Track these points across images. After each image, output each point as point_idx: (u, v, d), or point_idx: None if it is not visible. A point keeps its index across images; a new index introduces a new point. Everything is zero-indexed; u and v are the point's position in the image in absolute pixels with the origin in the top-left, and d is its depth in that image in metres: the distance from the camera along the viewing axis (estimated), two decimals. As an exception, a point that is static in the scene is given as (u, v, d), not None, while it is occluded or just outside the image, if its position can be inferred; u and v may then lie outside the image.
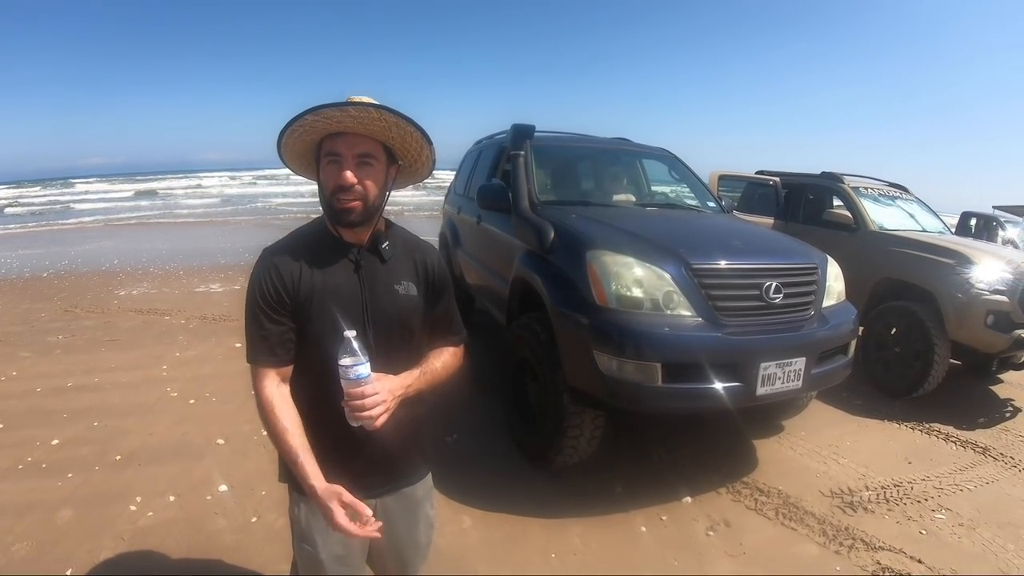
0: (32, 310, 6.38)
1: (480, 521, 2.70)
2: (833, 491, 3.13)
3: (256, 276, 1.24)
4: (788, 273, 2.89)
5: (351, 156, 1.21)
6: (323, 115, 1.17)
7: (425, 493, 1.49)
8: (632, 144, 4.89)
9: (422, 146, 1.29)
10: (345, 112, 1.16)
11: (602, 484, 3.04)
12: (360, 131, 1.21)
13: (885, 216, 5.36)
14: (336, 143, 1.21)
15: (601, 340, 2.61)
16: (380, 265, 1.30)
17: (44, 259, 10.02)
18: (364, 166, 1.22)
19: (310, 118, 1.18)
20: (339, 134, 1.21)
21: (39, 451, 3.20)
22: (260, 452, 3.20)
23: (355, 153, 1.21)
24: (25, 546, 2.41)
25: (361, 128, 1.20)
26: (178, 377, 4.36)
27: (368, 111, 1.16)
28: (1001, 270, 4.23)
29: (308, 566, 1.37)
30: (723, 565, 2.51)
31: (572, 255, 2.92)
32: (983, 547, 2.73)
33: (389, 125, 1.21)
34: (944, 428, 4.05)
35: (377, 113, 1.17)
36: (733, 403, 2.64)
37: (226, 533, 2.54)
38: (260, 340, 1.23)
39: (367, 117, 1.18)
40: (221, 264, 9.48)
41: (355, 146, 1.21)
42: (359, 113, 1.17)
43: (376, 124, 1.20)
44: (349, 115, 1.17)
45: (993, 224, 8.65)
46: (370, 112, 1.17)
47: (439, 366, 1.39)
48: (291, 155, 1.30)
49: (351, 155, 1.21)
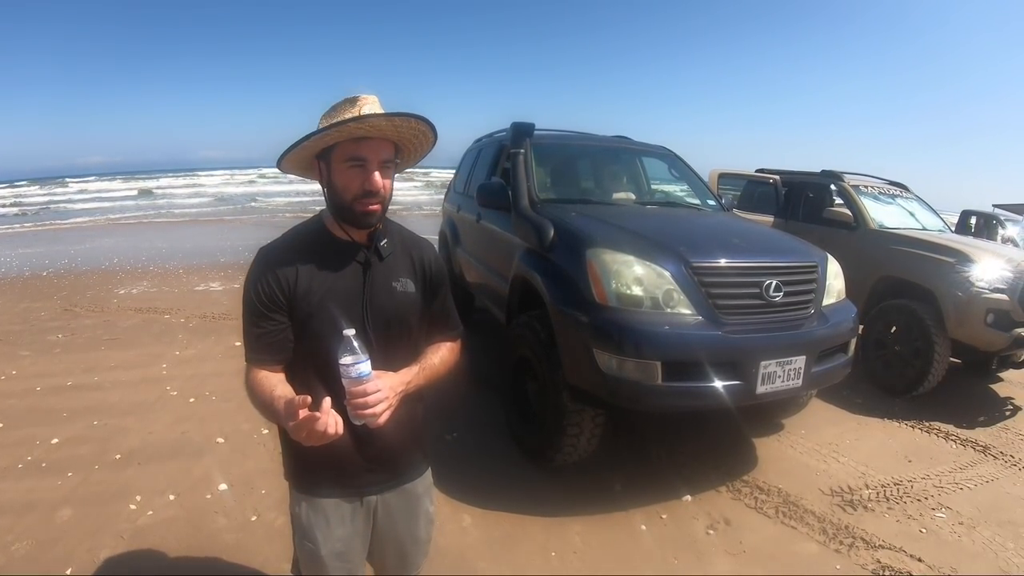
0: (32, 309, 6.38)
1: (480, 520, 2.70)
2: (833, 489, 3.13)
3: (252, 276, 1.24)
4: (788, 271, 2.89)
5: (377, 161, 1.21)
6: (367, 123, 1.17)
7: (425, 489, 1.49)
8: (632, 142, 4.89)
9: (425, 151, 1.34)
10: (390, 121, 1.18)
11: (602, 483, 3.04)
12: (392, 136, 1.23)
13: (885, 214, 5.36)
14: (361, 148, 1.20)
15: (601, 338, 2.61)
16: (378, 263, 1.30)
17: (44, 258, 10.02)
18: (385, 170, 1.24)
19: (352, 125, 1.16)
20: (363, 138, 1.20)
21: (39, 450, 3.20)
22: (260, 451, 3.20)
23: (381, 159, 1.22)
24: (25, 545, 2.41)
25: (395, 134, 1.23)
26: (178, 376, 4.36)
27: (409, 121, 1.20)
28: (1001, 268, 4.23)
29: (309, 563, 1.37)
30: (723, 564, 2.51)
31: (572, 253, 2.92)
32: (983, 545, 2.73)
33: (418, 132, 1.25)
34: (944, 426, 4.05)
35: (416, 123, 1.21)
36: (733, 401, 2.64)
37: (226, 532, 2.54)
38: (256, 339, 1.22)
39: (406, 126, 1.21)
40: (221, 263, 9.48)
41: (380, 152, 1.22)
42: (402, 123, 1.20)
43: (409, 131, 1.24)
44: (392, 123, 1.19)
45: (993, 222, 8.66)
46: (410, 122, 1.20)
47: (437, 361, 1.39)
48: (298, 156, 1.27)
49: (377, 160, 1.21)
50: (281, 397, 1.15)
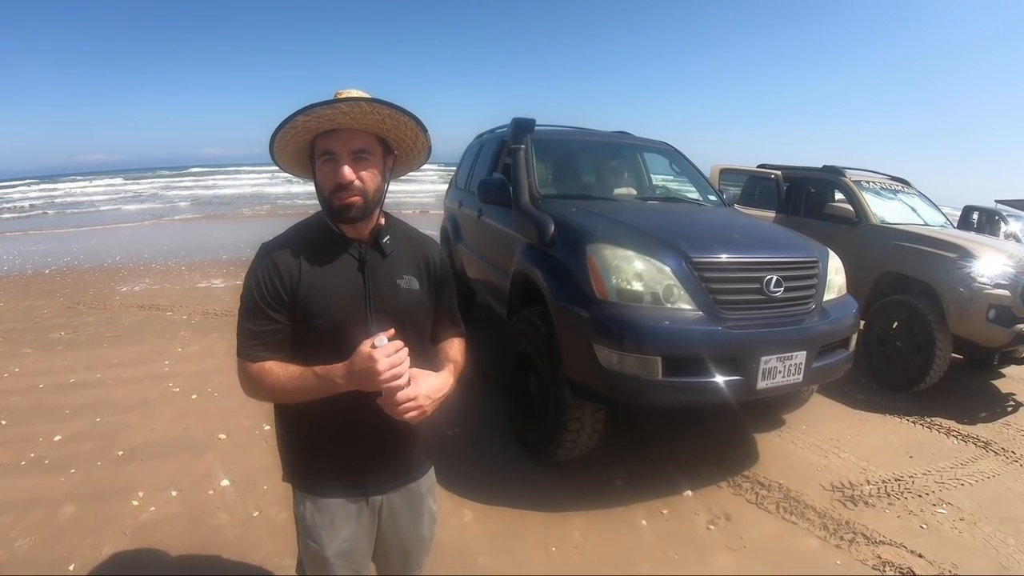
0: (34, 307, 6.39)
1: (481, 514, 2.71)
2: (834, 485, 3.13)
3: (254, 272, 1.23)
4: (789, 267, 2.89)
5: (346, 153, 1.19)
6: (314, 114, 1.15)
7: (428, 487, 1.49)
8: (633, 137, 4.88)
9: (417, 134, 1.27)
10: (336, 109, 1.14)
11: (602, 477, 3.04)
12: (353, 126, 1.19)
13: (887, 210, 5.35)
14: (330, 141, 1.20)
15: (601, 334, 2.61)
16: (381, 260, 1.29)
17: (46, 256, 10.03)
18: (360, 161, 1.21)
19: (300, 119, 1.16)
20: (332, 132, 1.19)
21: (42, 447, 3.21)
22: (262, 447, 3.21)
23: (350, 150, 1.20)
24: (28, 542, 2.42)
25: (354, 123, 1.19)
26: (180, 372, 4.37)
27: (359, 105, 1.15)
28: (1003, 264, 4.22)
29: (314, 563, 1.37)
30: (723, 559, 2.52)
31: (572, 249, 2.91)
32: (984, 542, 2.73)
33: (383, 117, 1.19)
34: (945, 422, 4.05)
35: (369, 106, 1.16)
36: (734, 397, 2.64)
37: (228, 528, 2.55)
38: (254, 335, 1.21)
39: (359, 112, 1.16)
40: (223, 259, 9.48)
41: (349, 143, 1.20)
42: (350, 109, 1.15)
43: (369, 118, 1.18)
44: (340, 111, 1.15)
45: (995, 218, 8.63)
46: (361, 106, 1.15)
47: (460, 359, 1.41)
48: (284, 157, 1.28)
49: (346, 152, 1.19)
50: (313, 369, 1.17)
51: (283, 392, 1.21)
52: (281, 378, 1.19)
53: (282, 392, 1.21)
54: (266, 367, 1.20)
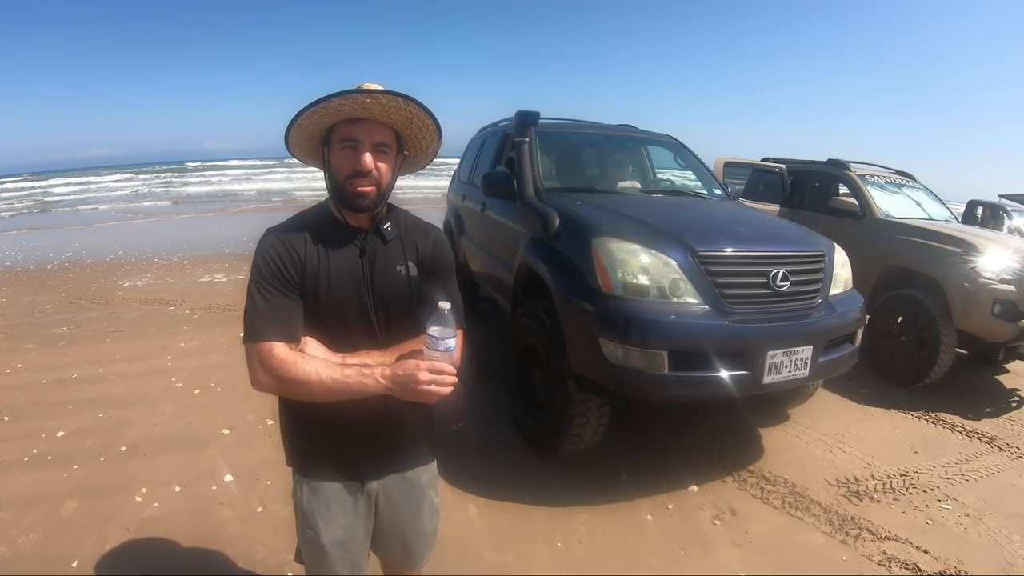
0: (37, 302, 6.39)
1: (485, 509, 2.70)
2: (839, 480, 3.12)
3: (262, 251, 1.23)
4: (795, 261, 2.87)
5: (369, 143, 1.22)
6: (351, 99, 1.17)
7: (429, 480, 1.49)
8: (637, 131, 4.85)
9: (432, 139, 1.33)
10: (375, 99, 1.17)
11: (607, 472, 3.03)
12: (383, 119, 1.22)
13: (891, 204, 5.32)
14: (355, 129, 1.22)
15: (606, 328, 2.59)
16: (382, 246, 1.31)
17: (48, 251, 10.02)
18: (380, 153, 1.24)
19: (337, 101, 1.17)
20: (358, 120, 1.21)
21: (44, 443, 3.21)
22: (265, 441, 3.20)
23: (374, 141, 1.23)
24: (31, 538, 2.41)
25: (384, 116, 1.22)
26: (183, 367, 4.36)
27: (396, 100, 1.19)
28: (1008, 259, 4.20)
29: (311, 551, 1.38)
30: (729, 554, 2.51)
31: (577, 242, 2.90)
32: (989, 537, 2.72)
33: (412, 116, 1.23)
34: (950, 417, 4.03)
35: (404, 103, 1.20)
36: (739, 391, 2.62)
37: (231, 523, 2.54)
38: (268, 314, 1.18)
39: (393, 106, 1.20)
40: (225, 254, 9.48)
41: (374, 134, 1.22)
42: (388, 101, 1.18)
43: (400, 114, 1.22)
44: (378, 102, 1.18)
45: (1000, 213, 8.59)
46: (397, 101, 1.19)
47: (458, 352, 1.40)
48: (299, 138, 1.29)
49: (369, 142, 1.22)
50: (350, 362, 1.18)
51: (319, 382, 1.15)
52: (318, 374, 1.14)
53: (318, 382, 1.15)
54: (292, 356, 1.16)
